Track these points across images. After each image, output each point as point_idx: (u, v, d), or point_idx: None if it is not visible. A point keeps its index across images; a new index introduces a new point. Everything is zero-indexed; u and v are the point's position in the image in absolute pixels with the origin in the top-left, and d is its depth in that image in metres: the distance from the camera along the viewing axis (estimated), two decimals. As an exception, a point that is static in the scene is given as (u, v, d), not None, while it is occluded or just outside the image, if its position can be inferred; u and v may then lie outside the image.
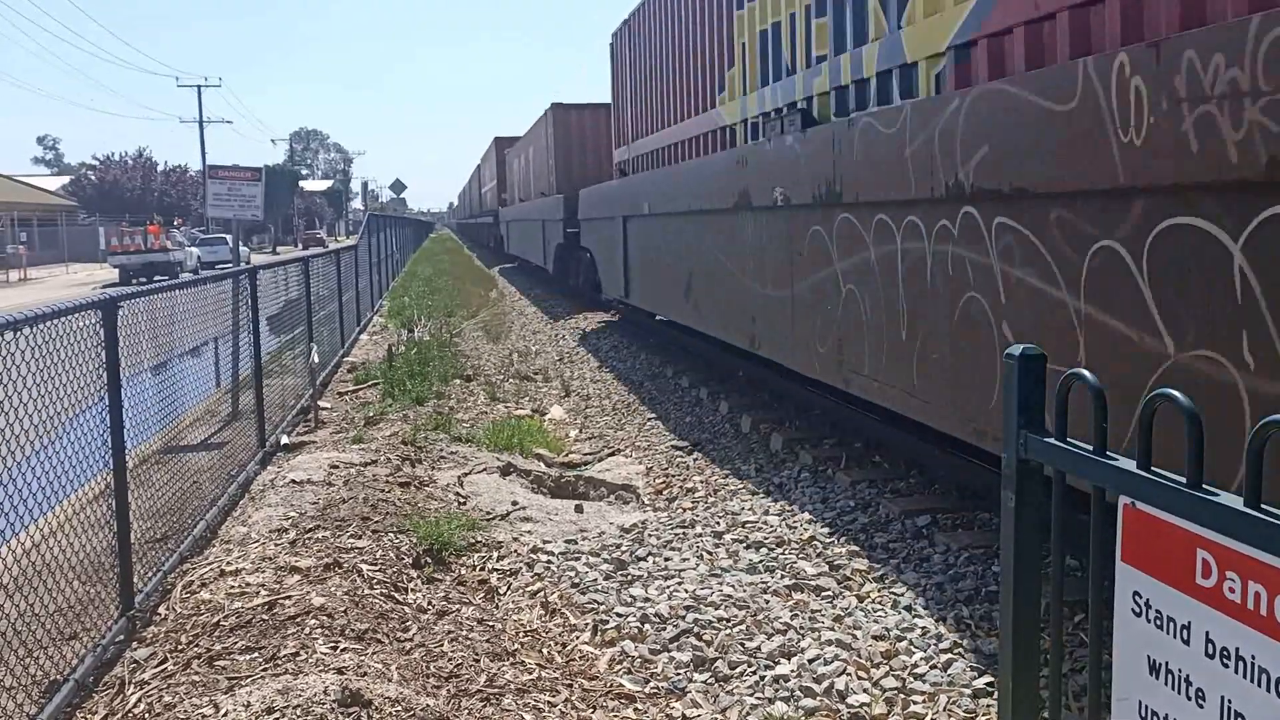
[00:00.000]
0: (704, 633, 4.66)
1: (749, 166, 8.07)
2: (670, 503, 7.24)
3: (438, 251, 48.74)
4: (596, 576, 5.41)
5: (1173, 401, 2.00)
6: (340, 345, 14.40)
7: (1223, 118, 3.24)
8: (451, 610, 4.90)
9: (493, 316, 20.52)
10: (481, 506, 6.77)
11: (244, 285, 8.53)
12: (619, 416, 10.51)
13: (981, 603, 4.93)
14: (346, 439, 8.62)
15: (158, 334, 6.10)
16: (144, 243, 40.36)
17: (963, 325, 4.97)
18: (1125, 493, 2.13)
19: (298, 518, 5.95)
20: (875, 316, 5.99)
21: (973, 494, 6.33)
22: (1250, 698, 1.83)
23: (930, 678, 4.21)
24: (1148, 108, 3.55)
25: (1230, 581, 1.86)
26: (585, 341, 16.24)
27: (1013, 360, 2.53)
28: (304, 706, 3.49)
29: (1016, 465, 2.56)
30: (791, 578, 5.32)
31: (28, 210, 59.19)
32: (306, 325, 11.10)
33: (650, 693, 4.17)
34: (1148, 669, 2.09)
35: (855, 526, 6.23)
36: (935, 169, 5.09)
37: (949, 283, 5.10)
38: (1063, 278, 4.16)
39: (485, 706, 3.89)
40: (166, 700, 3.78)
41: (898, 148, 5.48)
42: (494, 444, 8.53)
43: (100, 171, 72.35)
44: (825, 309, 6.77)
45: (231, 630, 4.35)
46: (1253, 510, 1.80)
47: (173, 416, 6.77)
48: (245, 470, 7.41)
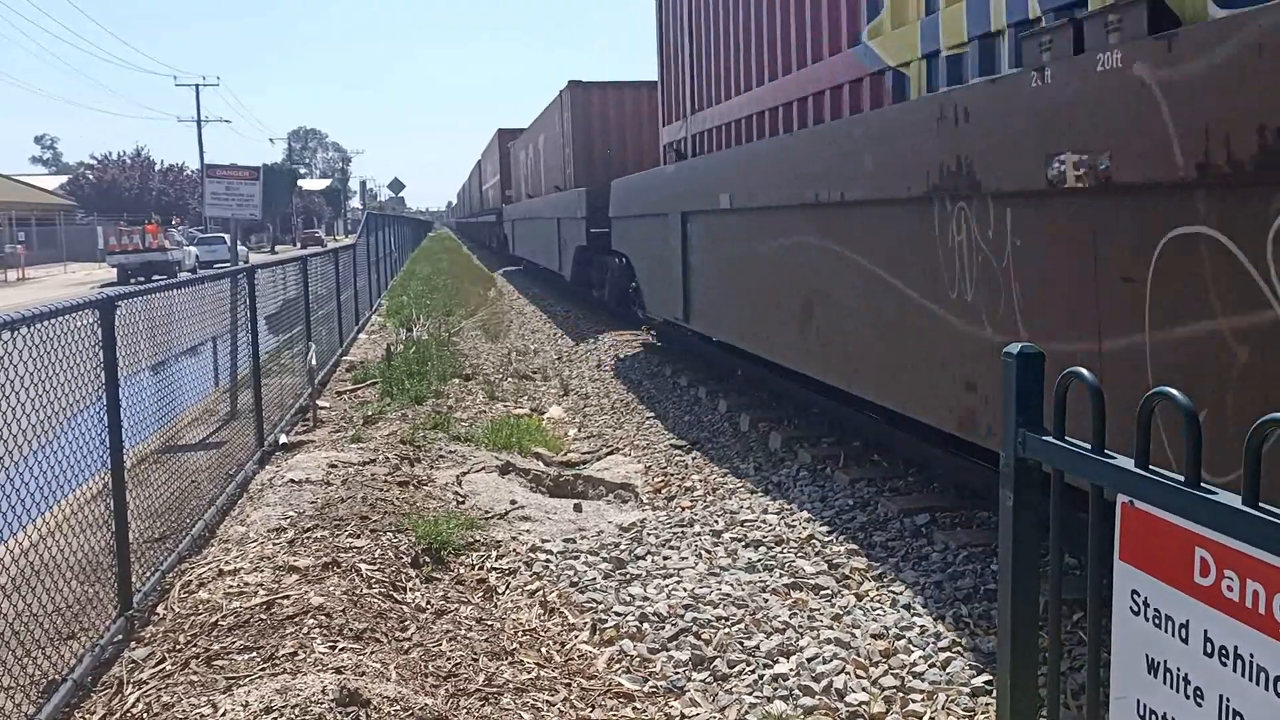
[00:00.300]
0: (703, 631, 4.66)
1: (973, 123, 4.71)
2: (669, 501, 7.24)
3: (436, 250, 48.71)
4: (595, 575, 5.41)
5: (1171, 400, 2.00)
6: (339, 344, 14.39)
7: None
8: (450, 609, 4.90)
9: (491, 315, 20.51)
10: (480, 505, 6.76)
11: (242, 284, 8.53)
12: (617, 415, 10.51)
13: (980, 601, 4.93)
14: (345, 438, 8.61)
15: (156, 333, 6.10)
16: (142, 242, 40.34)
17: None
18: (1123, 491, 2.13)
19: (296, 517, 5.94)
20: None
21: (971, 493, 6.33)
22: (1248, 696, 1.82)
23: (929, 676, 4.21)
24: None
25: (1229, 580, 1.86)
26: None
27: (1011, 359, 2.53)
28: (302, 706, 3.49)
29: (1015, 464, 2.55)
30: (790, 576, 5.31)
31: (26, 210, 59.13)
32: (305, 324, 11.09)
33: (649, 692, 4.17)
34: (1146, 667, 2.09)
35: (854, 525, 6.23)
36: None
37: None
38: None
39: (484, 706, 3.89)
40: (165, 700, 3.77)
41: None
42: (493, 443, 8.53)
43: (98, 171, 72.33)
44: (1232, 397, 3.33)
45: (230, 630, 4.35)
46: (1251, 509, 1.80)
47: (171, 416, 6.77)
48: (243, 469, 7.40)
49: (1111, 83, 3.69)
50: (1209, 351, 3.35)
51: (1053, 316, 4.23)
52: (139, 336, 5.59)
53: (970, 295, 4.87)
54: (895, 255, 5.68)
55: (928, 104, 5.28)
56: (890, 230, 5.73)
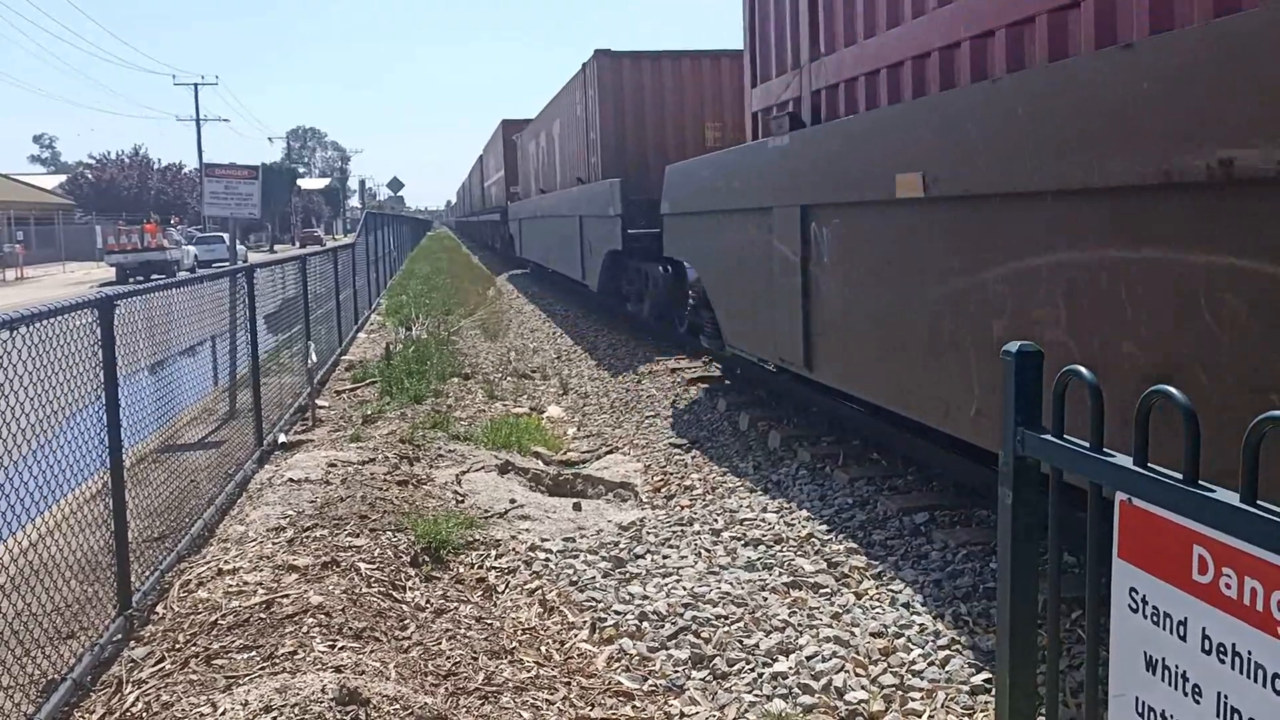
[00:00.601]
0: (702, 630, 4.66)
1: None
2: (668, 500, 7.25)
3: (435, 250, 48.74)
4: (595, 574, 5.41)
5: (1169, 398, 2.01)
6: (338, 343, 14.39)
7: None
8: (449, 608, 4.90)
9: (490, 315, 20.50)
10: (479, 505, 6.76)
11: (241, 284, 8.53)
12: (617, 414, 10.50)
13: (979, 599, 4.93)
14: (344, 437, 8.61)
15: (155, 333, 6.10)
16: (141, 241, 40.35)
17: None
18: (1122, 489, 2.13)
19: (295, 516, 5.94)
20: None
21: (970, 491, 6.33)
22: (1246, 693, 1.83)
23: (928, 675, 4.21)
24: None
25: (1227, 578, 1.86)
26: (592, 351, 12.61)
27: (1010, 357, 2.53)
28: (302, 705, 3.49)
29: (1014, 462, 2.56)
30: (789, 575, 5.32)
31: (25, 209, 59.14)
32: (304, 323, 11.09)
33: (648, 690, 4.17)
34: (1145, 665, 2.09)
35: (853, 524, 6.23)
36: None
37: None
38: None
39: (483, 704, 3.89)
40: (164, 699, 3.77)
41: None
42: (492, 442, 8.53)
43: (97, 170, 72.33)
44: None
45: (229, 629, 4.35)
46: (1249, 507, 1.80)
47: (170, 415, 6.77)
48: (243, 469, 7.40)
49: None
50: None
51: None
52: (138, 336, 5.59)
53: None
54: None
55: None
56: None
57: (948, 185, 4.95)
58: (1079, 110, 3.88)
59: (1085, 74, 3.89)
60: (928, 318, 5.27)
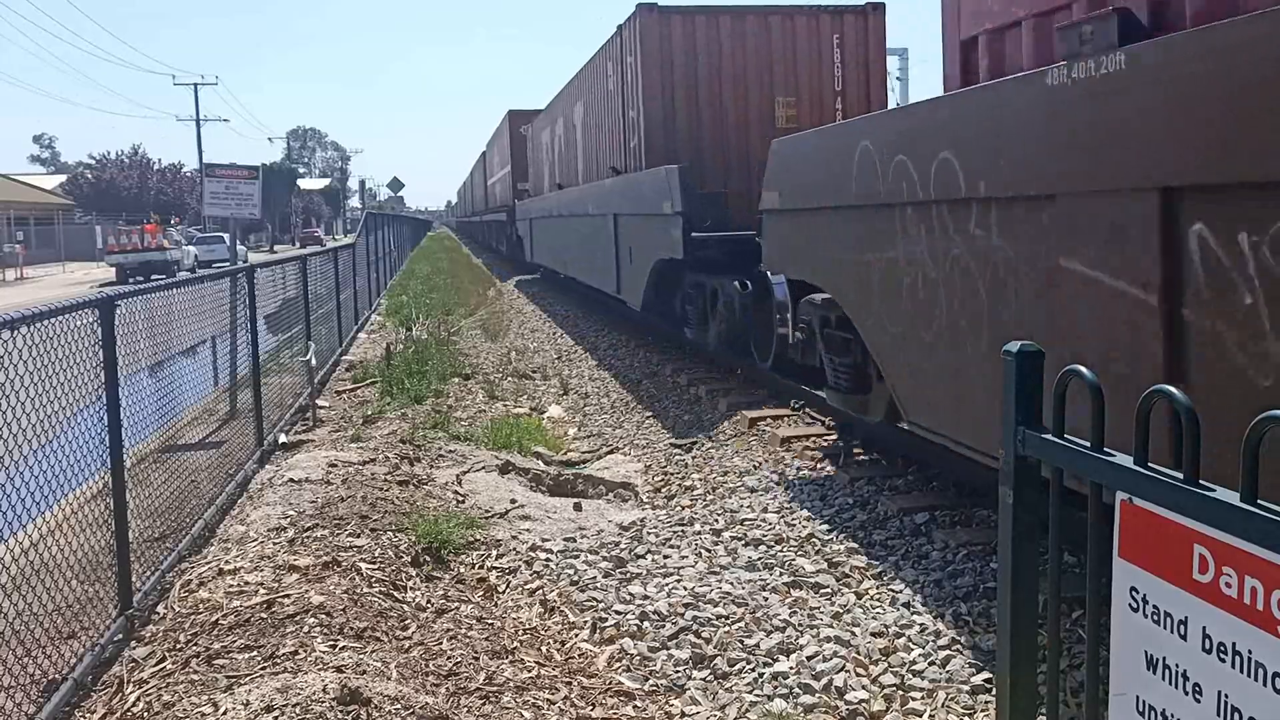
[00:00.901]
0: (703, 630, 4.66)
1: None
2: (669, 500, 7.25)
3: (436, 250, 48.74)
4: (595, 574, 5.41)
5: (1169, 398, 2.01)
6: (338, 343, 14.39)
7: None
8: (450, 608, 4.90)
9: (491, 315, 20.50)
10: (480, 505, 6.77)
11: (241, 284, 8.53)
12: (617, 415, 10.50)
13: (980, 599, 4.93)
14: (345, 437, 8.61)
15: (155, 333, 6.10)
16: (141, 241, 40.33)
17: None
18: (1123, 489, 2.14)
19: (296, 516, 5.95)
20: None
21: (971, 491, 6.33)
22: (1247, 692, 1.83)
23: (929, 674, 4.21)
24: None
25: (1227, 577, 1.86)
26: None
27: (1010, 357, 2.54)
28: (303, 705, 3.49)
29: (1014, 462, 2.56)
30: (790, 575, 5.32)
31: (24, 209, 59.15)
32: (304, 324, 11.09)
33: (649, 690, 4.17)
34: (1145, 664, 2.10)
35: (854, 524, 6.23)
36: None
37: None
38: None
39: (484, 704, 3.89)
40: (165, 699, 3.78)
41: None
42: (492, 442, 8.53)
43: (97, 170, 72.32)
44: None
45: (230, 629, 4.35)
46: (1249, 506, 1.81)
47: (171, 415, 6.77)
48: (243, 469, 7.40)
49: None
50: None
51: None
52: (138, 336, 5.60)
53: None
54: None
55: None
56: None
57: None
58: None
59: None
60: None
